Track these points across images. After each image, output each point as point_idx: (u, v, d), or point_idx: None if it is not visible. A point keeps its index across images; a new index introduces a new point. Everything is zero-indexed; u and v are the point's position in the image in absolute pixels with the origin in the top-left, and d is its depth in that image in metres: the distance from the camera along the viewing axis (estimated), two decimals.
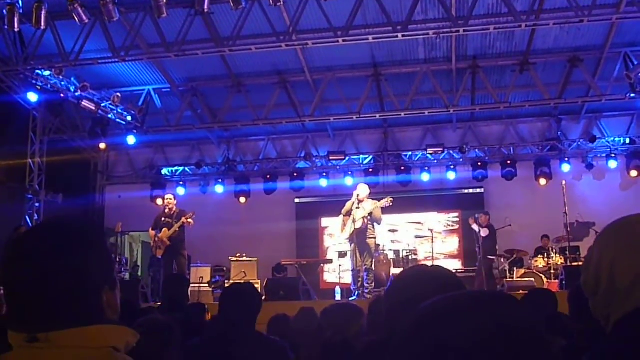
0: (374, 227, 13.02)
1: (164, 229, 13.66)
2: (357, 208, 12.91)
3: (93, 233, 1.89)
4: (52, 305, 1.72)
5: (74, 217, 2.10)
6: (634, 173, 17.55)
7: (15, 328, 1.73)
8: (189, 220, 13.63)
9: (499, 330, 1.13)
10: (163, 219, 13.82)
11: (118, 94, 15.98)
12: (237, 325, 4.23)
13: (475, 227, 15.48)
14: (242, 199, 19.31)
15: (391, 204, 12.97)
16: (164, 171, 19.75)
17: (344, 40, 13.54)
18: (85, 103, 15.50)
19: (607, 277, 1.80)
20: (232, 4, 12.36)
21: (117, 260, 15.13)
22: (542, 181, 18.03)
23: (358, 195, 12.96)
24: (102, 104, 15.91)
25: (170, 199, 14.09)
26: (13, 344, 1.73)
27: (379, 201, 12.93)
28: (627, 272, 1.76)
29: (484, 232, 15.37)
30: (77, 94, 15.24)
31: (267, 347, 4.24)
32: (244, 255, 16.66)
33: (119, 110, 16.42)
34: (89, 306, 1.76)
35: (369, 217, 12.79)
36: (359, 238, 12.80)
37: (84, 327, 1.71)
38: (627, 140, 17.80)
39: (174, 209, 13.93)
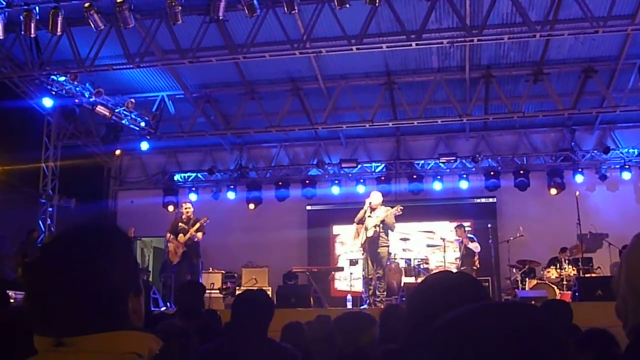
0: (387, 235, 13.01)
1: (180, 235, 13.77)
2: (370, 216, 12.92)
3: (120, 239, 1.91)
4: (79, 311, 1.73)
5: (101, 223, 2.12)
6: None
7: (42, 332, 1.74)
8: (199, 233, 13.77)
9: (522, 338, 1.13)
10: (180, 224, 13.95)
11: (132, 99, 16.06)
12: (249, 331, 4.23)
13: (465, 240, 15.38)
14: (254, 206, 19.31)
15: (401, 212, 12.95)
16: (177, 177, 19.80)
17: (357, 49, 13.57)
18: (99, 109, 15.60)
19: (625, 282, 1.82)
20: (246, 12, 12.41)
21: None
22: (555, 191, 17.95)
23: (370, 203, 12.96)
24: (116, 110, 16.00)
25: (189, 208, 14.21)
26: (39, 348, 1.74)
27: (391, 208, 12.94)
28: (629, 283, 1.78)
29: (476, 248, 15.28)
30: (91, 99, 15.33)
31: (279, 354, 4.24)
32: (256, 262, 16.70)
33: (133, 116, 16.51)
34: (115, 312, 1.78)
35: (381, 225, 12.78)
36: (371, 246, 12.80)
37: (109, 332, 1.74)
38: None
39: (191, 217, 14.04)
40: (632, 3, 13.40)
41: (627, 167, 17.71)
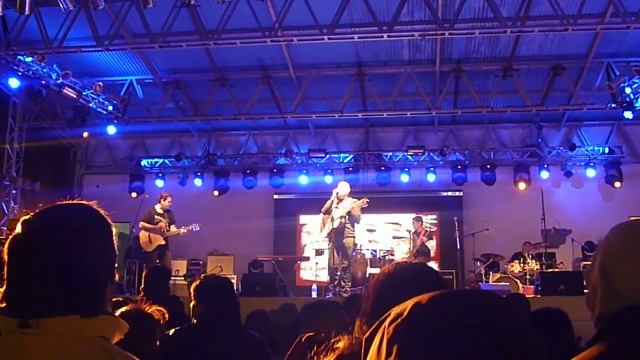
0: (352, 227, 13.04)
1: (159, 224, 13.84)
2: (336, 207, 12.94)
3: (101, 224, 1.92)
4: (50, 291, 1.72)
5: (83, 207, 2.06)
6: (617, 184, 17.65)
7: (8, 313, 1.73)
8: (185, 231, 13.98)
9: (486, 322, 1.12)
10: (156, 215, 13.94)
11: (100, 83, 15.84)
12: (225, 318, 4.22)
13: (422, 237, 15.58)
14: (218, 193, 19.21)
15: (367, 205, 12.99)
16: (144, 162, 19.62)
17: (329, 38, 13.52)
18: (66, 91, 15.38)
19: (600, 274, 1.85)
20: None
21: None
22: (521, 186, 18.13)
23: (337, 193, 12.98)
24: (84, 93, 15.78)
25: (170, 201, 14.29)
26: (2, 330, 1.72)
27: (358, 200, 12.97)
28: (620, 272, 1.81)
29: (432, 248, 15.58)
30: (58, 81, 15.09)
31: (247, 341, 4.23)
32: (221, 250, 16.65)
33: (100, 100, 16.30)
34: (95, 297, 1.78)
35: (347, 216, 12.81)
36: (337, 237, 12.84)
37: (75, 315, 1.72)
38: (606, 150, 17.92)
39: (168, 209, 14.20)
40: (602, 2, 13.55)
41: (592, 164, 17.92)
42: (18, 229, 1.82)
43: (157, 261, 13.74)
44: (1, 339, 1.72)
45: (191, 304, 4.64)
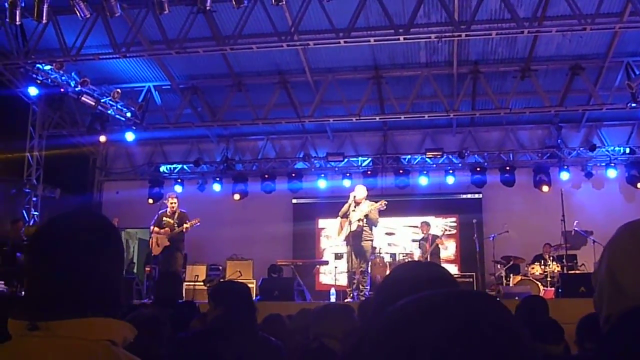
0: (370, 230, 12.99)
1: (165, 229, 13.69)
2: (354, 210, 12.90)
3: (111, 231, 1.96)
4: (58, 296, 1.77)
5: (94, 214, 2.12)
6: (639, 184, 17.48)
7: (18, 316, 1.77)
8: (186, 225, 13.68)
9: (473, 328, 1.09)
10: (164, 218, 13.84)
11: (118, 89, 15.95)
12: (241, 322, 4.21)
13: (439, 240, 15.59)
14: (239, 198, 19.24)
15: (385, 207, 12.93)
16: (162, 168, 19.70)
17: (345, 42, 13.52)
18: (85, 98, 15.50)
19: (607, 274, 1.84)
20: (234, 2, 12.33)
21: None
22: (541, 188, 17.99)
23: (355, 197, 12.95)
24: (102, 100, 15.89)
25: (174, 202, 14.08)
26: (12, 333, 1.76)
27: (375, 203, 12.93)
28: (627, 272, 1.78)
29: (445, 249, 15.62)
30: (77, 89, 15.22)
31: (263, 345, 4.22)
32: (240, 254, 16.67)
33: (119, 106, 16.40)
34: (102, 301, 1.82)
35: (364, 220, 12.77)
36: (355, 240, 12.79)
37: (83, 318, 1.75)
38: (627, 150, 17.75)
39: (176, 209, 13.93)
40: (621, 1, 13.43)
41: (612, 164, 17.77)
42: (33, 235, 1.90)
43: (167, 263, 13.60)
44: (10, 343, 1.75)
45: (208, 308, 4.64)
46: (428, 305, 1.15)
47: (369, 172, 18.66)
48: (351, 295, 12.95)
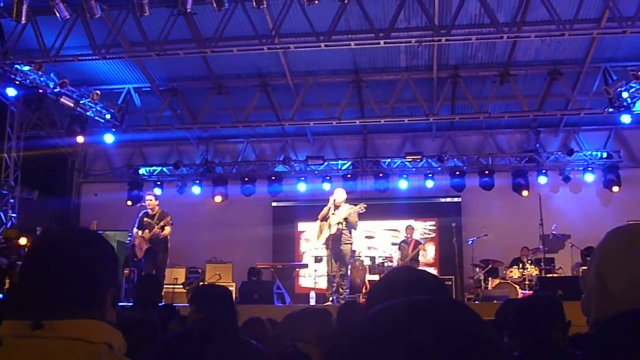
0: (350, 233, 13.00)
1: (145, 230, 13.54)
2: (333, 214, 12.91)
3: (107, 243, 2.08)
4: (62, 297, 1.84)
5: (92, 230, 2.30)
6: (614, 188, 17.67)
7: (20, 316, 1.82)
8: (166, 228, 13.50)
9: (445, 336, 1.11)
10: (145, 219, 13.70)
11: (97, 91, 15.85)
12: (222, 325, 4.21)
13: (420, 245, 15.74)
14: (219, 200, 19.19)
15: (364, 210, 12.95)
16: (142, 171, 19.59)
17: (326, 45, 13.55)
18: (63, 99, 15.38)
19: (596, 278, 1.87)
20: (215, 5, 12.32)
21: None
22: (520, 192, 18.13)
23: (334, 200, 12.96)
24: (81, 101, 15.77)
25: (151, 200, 13.93)
26: (13, 334, 1.81)
27: (355, 206, 12.94)
28: (615, 277, 1.82)
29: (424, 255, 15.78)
30: (56, 90, 15.10)
31: (243, 349, 4.22)
32: (220, 257, 16.63)
33: (98, 108, 16.28)
34: (95, 302, 1.89)
35: (344, 223, 12.79)
36: (334, 244, 12.80)
37: (84, 319, 1.83)
38: (604, 155, 17.93)
39: (156, 209, 13.80)
40: (599, 7, 13.57)
41: (590, 169, 17.95)
42: (38, 241, 2.06)
43: (150, 265, 13.42)
44: (12, 344, 1.79)
45: (189, 311, 4.64)
46: (397, 315, 1.16)
47: (348, 176, 18.68)
48: (331, 298, 12.95)
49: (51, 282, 1.85)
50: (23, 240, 14.69)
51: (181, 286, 15.48)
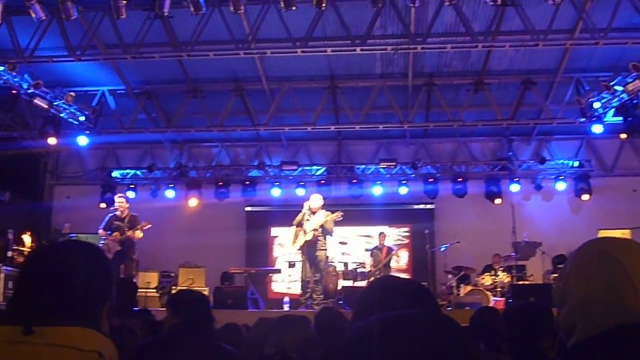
0: (325, 239, 13.04)
1: (115, 233, 13.43)
2: (308, 219, 12.94)
3: (105, 258, 2.16)
4: (54, 305, 1.87)
5: (90, 244, 2.33)
6: (582, 196, 17.88)
7: (12, 321, 1.84)
8: (138, 232, 13.44)
9: (429, 351, 1.14)
10: (115, 221, 13.59)
11: (72, 93, 15.71)
12: (198, 331, 4.22)
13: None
14: (193, 204, 19.11)
15: (341, 218, 13.01)
16: (115, 174, 19.46)
17: (302, 51, 13.57)
18: (37, 101, 15.22)
19: (569, 297, 1.89)
20: (192, 9, 12.29)
21: None
22: (492, 200, 18.28)
23: (310, 206, 12.98)
24: (55, 103, 15.63)
25: (122, 202, 13.86)
26: (4, 339, 1.83)
27: (331, 213, 12.98)
28: (583, 299, 1.86)
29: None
30: (29, 91, 14.95)
31: (220, 354, 4.23)
32: (193, 262, 16.55)
33: (72, 110, 16.15)
34: (90, 312, 1.91)
35: (319, 229, 12.82)
36: (310, 250, 12.84)
37: (76, 327, 1.84)
38: (576, 164, 18.14)
39: (126, 212, 13.72)
40: (572, 18, 13.76)
41: (561, 178, 18.14)
42: (35, 253, 2.05)
43: (119, 269, 13.29)
44: (1, 347, 1.81)
45: (165, 316, 4.63)
46: (386, 328, 1.20)
47: (323, 181, 18.71)
48: (305, 304, 12.97)
49: (46, 291, 1.87)
50: None
51: (154, 290, 15.40)
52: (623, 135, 15.20)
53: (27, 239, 15.66)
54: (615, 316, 1.81)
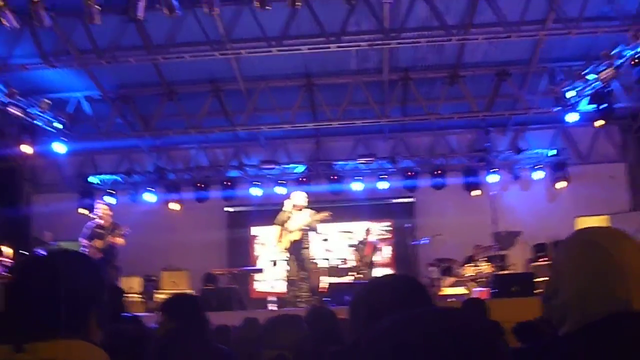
0: (308, 236, 13.08)
1: (96, 240, 13.39)
2: (290, 218, 12.96)
3: (90, 264, 2.14)
4: (42, 317, 1.86)
5: (75, 253, 2.30)
6: (559, 184, 18.05)
7: (3, 340, 1.83)
8: (119, 238, 13.42)
9: (455, 337, 1.19)
10: (97, 229, 13.55)
11: (46, 100, 15.60)
12: (194, 334, 4.24)
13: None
14: (173, 207, 19.06)
15: (330, 218, 13.11)
16: (94, 179, 19.34)
17: (278, 50, 13.61)
18: (11, 109, 15.09)
19: (561, 288, 1.94)
20: (166, 11, 12.24)
21: None
22: (471, 191, 18.41)
23: (294, 205, 13.00)
24: (30, 111, 15.51)
25: (106, 211, 13.84)
26: None
27: (317, 212, 13.01)
28: (576, 290, 1.91)
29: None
30: (3, 100, 14.82)
31: (216, 355, 4.26)
32: (175, 265, 16.53)
33: (48, 117, 16.04)
34: (75, 321, 1.89)
35: (306, 228, 12.87)
36: (295, 248, 12.85)
37: (67, 340, 1.83)
38: (552, 152, 18.28)
39: (109, 221, 13.69)
40: (544, 9, 13.86)
41: (538, 167, 18.30)
42: (20, 267, 2.11)
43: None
44: None
45: (159, 321, 4.65)
46: (415, 322, 1.24)
47: (302, 179, 18.73)
48: (292, 302, 12.97)
49: (31, 306, 1.88)
50: None
51: (137, 295, 15.36)
52: (598, 123, 15.36)
53: (6, 249, 15.54)
54: (607, 306, 1.86)
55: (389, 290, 2.09)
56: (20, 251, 16.28)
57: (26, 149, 16.22)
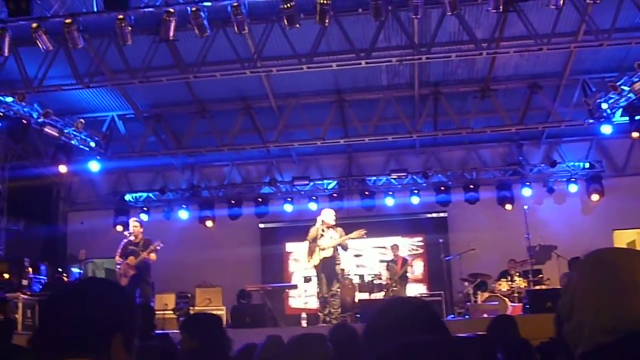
0: (338, 253, 13.06)
1: (130, 257, 13.48)
2: (322, 235, 12.94)
3: (117, 290, 2.21)
4: (65, 337, 1.94)
5: (105, 280, 2.45)
6: (595, 197, 17.82)
7: (35, 357, 1.97)
8: (152, 254, 13.46)
9: None
10: (130, 246, 13.65)
11: (81, 120, 15.87)
12: (217, 353, 4.26)
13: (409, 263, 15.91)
14: (207, 224, 19.19)
15: (364, 236, 13.09)
16: (128, 197, 19.56)
17: (308, 67, 13.66)
18: (48, 129, 15.36)
19: (576, 309, 1.93)
20: (197, 32, 12.37)
21: None
22: (504, 205, 18.25)
23: (323, 221, 12.99)
24: (65, 130, 15.78)
25: (136, 226, 13.93)
26: None
27: (349, 229, 13.00)
28: (591, 309, 1.88)
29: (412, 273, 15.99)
30: (40, 120, 15.09)
31: None
32: (209, 282, 16.58)
33: (83, 137, 16.30)
34: (98, 343, 1.96)
35: (338, 247, 12.86)
36: (327, 265, 12.80)
37: (90, 357, 1.93)
38: (587, 165, 18.08)
39: (140, 237, 13.78)
40: (575, 21, 13.75)
41: (573, 180, 18.10)
42: (51, 296, 2.14)
43: (138, 297, 13.31)
44: None
45: (181, 339, 4.67)
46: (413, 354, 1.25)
47: (335, 195, 18.74)
48: (324, 319, 12.92)
49: (57, 326, 1.96)
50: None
51: (171, 312, 15.43)
52: (635, 134, 15.12)
53: (43, 267, 15.76)
54: (623, 325, 1.84)
55: (396, 315, 2.09)
56: (57, 268, 16.52)
57: (62, 167, 16.46)
